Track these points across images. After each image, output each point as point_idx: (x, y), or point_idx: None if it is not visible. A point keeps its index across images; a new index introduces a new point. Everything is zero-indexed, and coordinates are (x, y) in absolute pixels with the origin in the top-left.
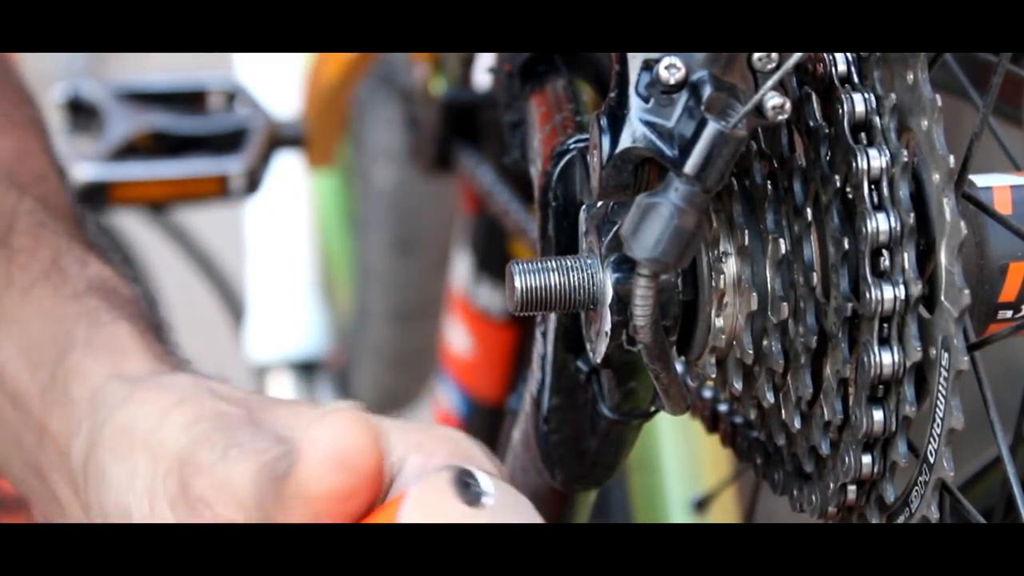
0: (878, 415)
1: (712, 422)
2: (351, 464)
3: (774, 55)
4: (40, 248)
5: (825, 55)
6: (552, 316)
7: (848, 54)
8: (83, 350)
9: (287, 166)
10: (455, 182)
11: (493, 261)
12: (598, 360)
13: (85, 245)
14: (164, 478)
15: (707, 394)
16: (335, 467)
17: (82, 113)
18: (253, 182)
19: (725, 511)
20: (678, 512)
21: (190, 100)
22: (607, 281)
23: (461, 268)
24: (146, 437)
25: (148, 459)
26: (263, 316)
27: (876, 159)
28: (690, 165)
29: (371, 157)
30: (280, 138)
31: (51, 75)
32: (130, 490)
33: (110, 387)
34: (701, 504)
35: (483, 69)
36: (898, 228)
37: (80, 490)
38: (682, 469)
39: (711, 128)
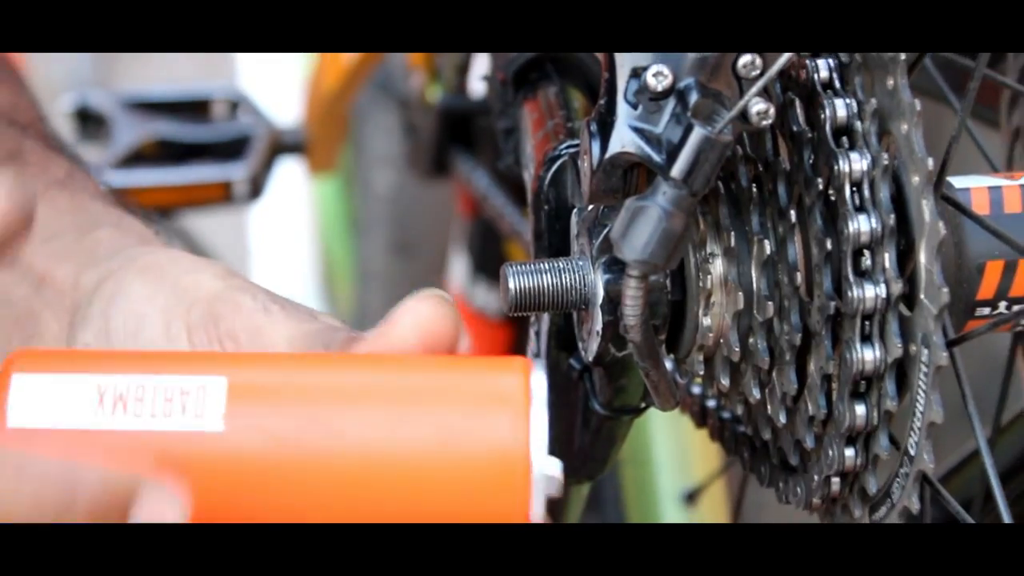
0: (860, 410)
1: (701, 417)
2: (434, 344)
3: (758, 62)
4: (52, 166)
5: (808, 61)
6: (545, 316)
7: (830, 61)
8: (112, 230)
9: (289, 172)
10: (452, 187)
11: (488, 263)
12: (590, 358)
13: (93, 176)
14: (190, 306)
15: (696, 390)
16: (421, 340)
17: (90, 122)
18: (256, 188)
19: (714, 503)
20: (669, 504)
21: (195, 109)
22: (598, 282)
23: (458, 270)
24: (178, 275)
25: (175, 290)
26: None
27: (857, 162)
28: (677, 169)
29: (370, 163)
30: (282, 145)
31: (59, 85)
32: (149, 303)
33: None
34: (691, 496)
35: (478, 77)
36: (879, 229)
37: (80, 309)
38: (672, 463)
39: (698, 133)
